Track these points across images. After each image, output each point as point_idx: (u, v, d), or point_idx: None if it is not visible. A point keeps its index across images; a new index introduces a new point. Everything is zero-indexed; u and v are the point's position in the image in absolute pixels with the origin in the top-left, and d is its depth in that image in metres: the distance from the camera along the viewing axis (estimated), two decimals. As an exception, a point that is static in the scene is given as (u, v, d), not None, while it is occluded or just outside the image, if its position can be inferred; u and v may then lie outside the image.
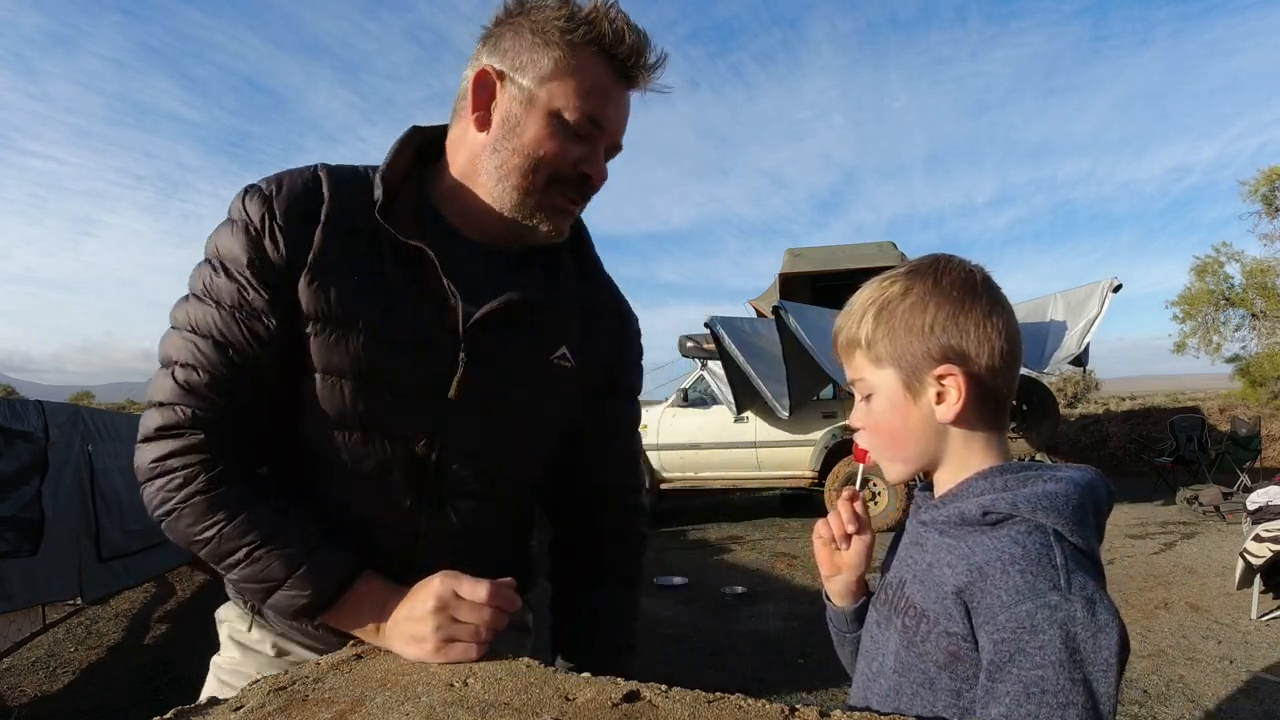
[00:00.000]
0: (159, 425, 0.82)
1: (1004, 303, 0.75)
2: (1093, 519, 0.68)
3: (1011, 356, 0.74)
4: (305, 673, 0.77)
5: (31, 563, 3.54)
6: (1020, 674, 0.61)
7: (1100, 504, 0.71)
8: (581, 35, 0.82)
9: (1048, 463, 0.66)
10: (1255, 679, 3.10)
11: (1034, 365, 6.78)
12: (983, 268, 0.78)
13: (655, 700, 0.66)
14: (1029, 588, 0.63)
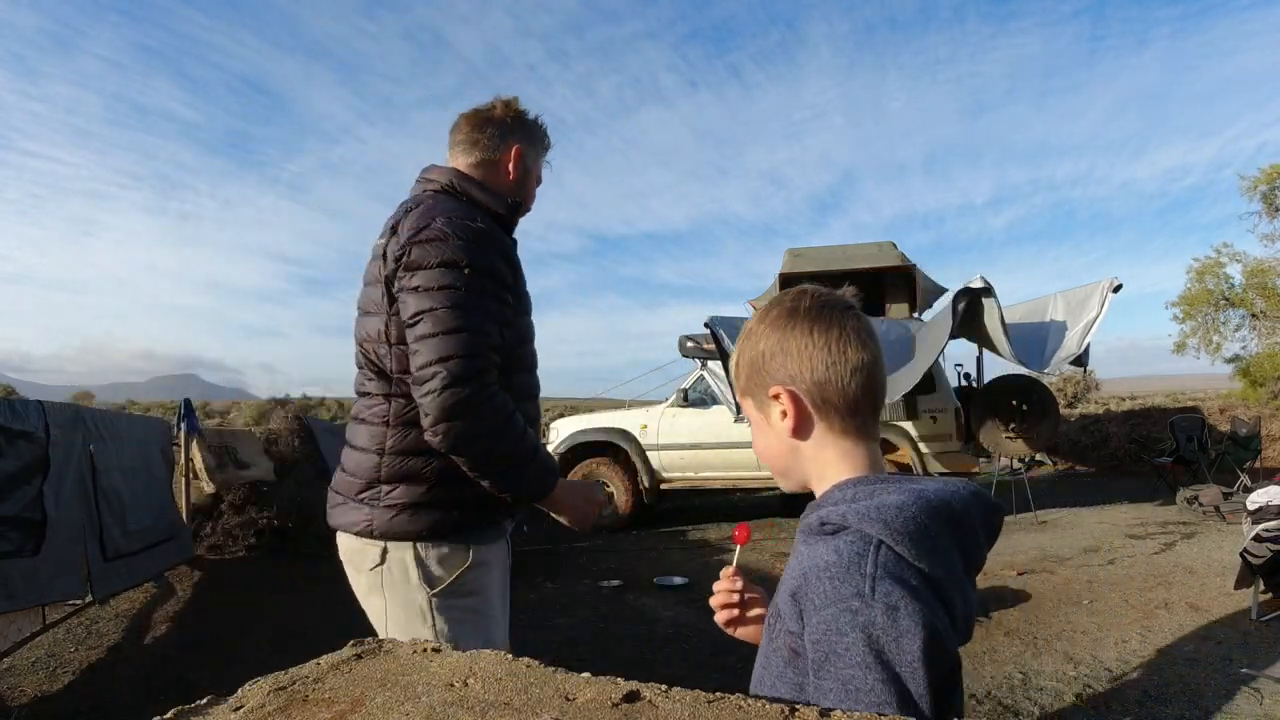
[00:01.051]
0: (480, 369, 1.28)
1: (833, 321, 0.81)
2: (941, 531, 0.72)
3: (840, 369, 0.80)
4: (305, 673, 0.77)
5: (34, 562, 3.54)
6: (836, 673, 0.67)
7: (959, 517, 0.75)
8: (548, 141, 1.62)
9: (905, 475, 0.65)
10: (1255, 679, 3.10)
11: (1034, 365, 6.78)
12: (826, 293, 0.85)
13: (655, 700, 0.66)
14: (835, 593, 0.68)
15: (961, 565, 0.75)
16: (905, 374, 6.52)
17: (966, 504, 0.76)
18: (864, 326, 0.82)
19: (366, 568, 1.40)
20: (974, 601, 0.78)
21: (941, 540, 0.73)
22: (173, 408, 7.28)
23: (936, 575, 0.70)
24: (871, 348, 0.82)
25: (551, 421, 8.83)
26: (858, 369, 0.80)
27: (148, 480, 4.95)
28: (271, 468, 6.73)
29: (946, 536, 0.73)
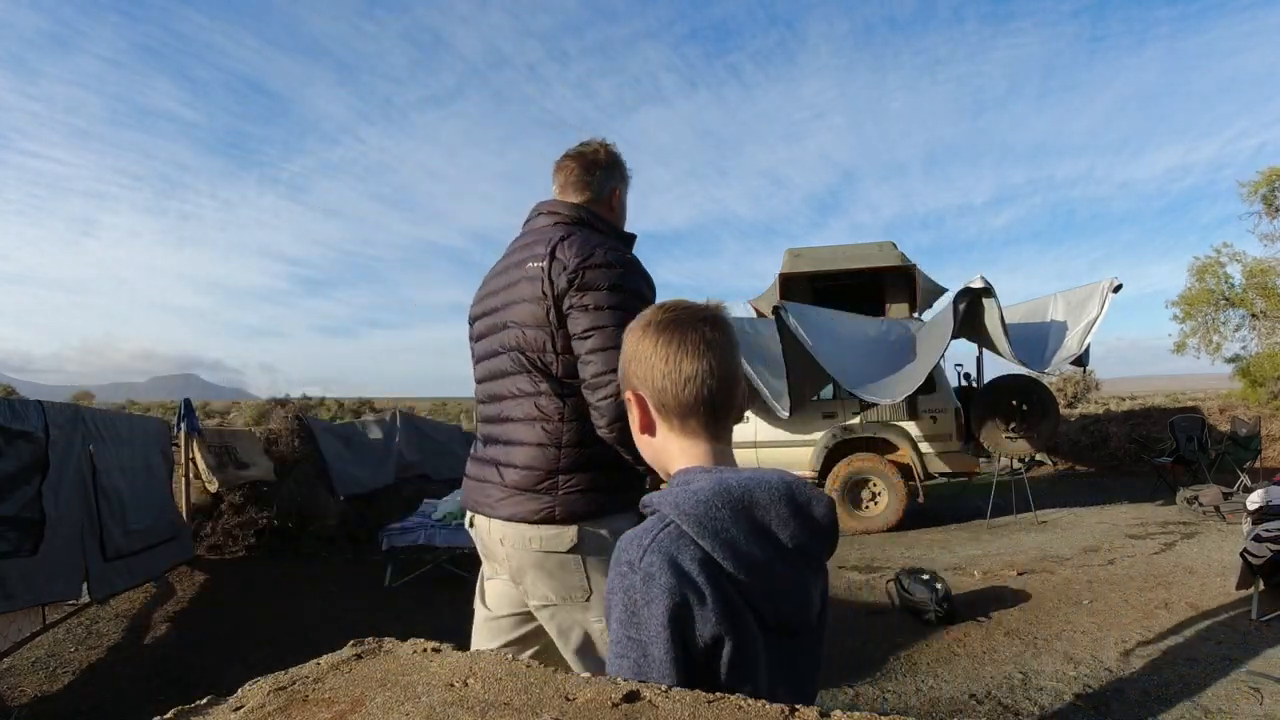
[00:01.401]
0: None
1: (675, 334, 0.91)
2: (733, 516, 0.81)
3: (675, 378, 0.90)
4: (305, 673, 0.77)
5: (32, 562, 3.54)
6: (611, 624, 0.81)
7: (758, 504, 0.83)
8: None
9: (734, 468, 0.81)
10: (1255, 679, 3.10)
11: (1034, 365, 6.78)
12: (681, 308, 0.94)
13: (655, 700, 0.66)
14: (617, 559, 0.82)
15: (768, 549, 0.82)
16: (907, 375, 6.52)
17: (772, 493, 0.84)
18: (708, 338, 0.90)
19: (550, 549, 1.55)
20: (800, 585, 0.85)
21: (736, 525, 0.81)
22: (173, 408, 7.29)
23: (721, 556, 0.80)
24: (710, 358, 0.89)
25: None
26: (690, 378, 0.89)
27: (148, 480, 4.95)
28: (271, 468, 6.73)
29: (741, 522, 0.81)
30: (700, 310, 0.93)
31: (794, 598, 0.85)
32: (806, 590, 0.86)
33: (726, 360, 0.91)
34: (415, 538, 5.37)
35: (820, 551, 0.88)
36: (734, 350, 0.94)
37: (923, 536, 6.99)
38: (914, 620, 4.15)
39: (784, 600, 0.84)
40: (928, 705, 3.06)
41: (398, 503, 7.65)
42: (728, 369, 0.91)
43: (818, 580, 0.89)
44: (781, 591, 0.84)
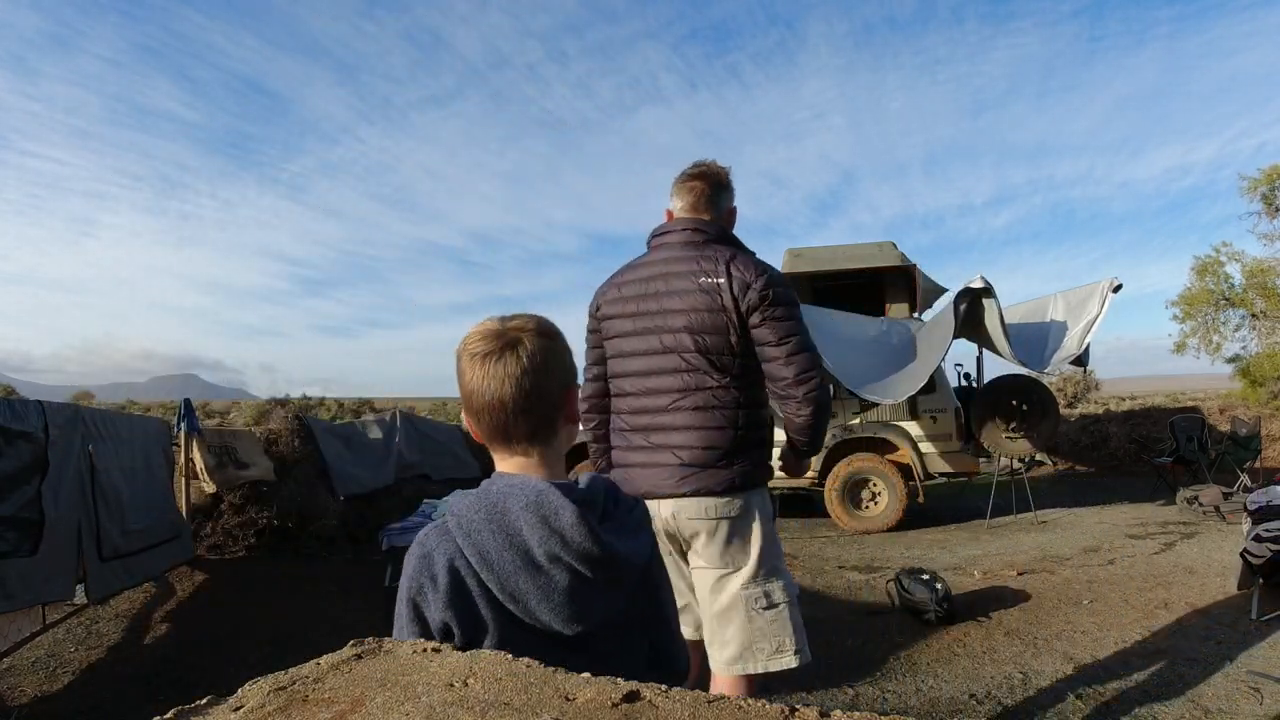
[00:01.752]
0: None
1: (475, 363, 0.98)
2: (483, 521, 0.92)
3: (470, 404, 0.99)
4: (305, 673, 0.77)
5: (31, 562, 3.54)
6: None
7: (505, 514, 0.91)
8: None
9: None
10: (1255, 679, 3.10)
11: (1034, 365, 6.78)
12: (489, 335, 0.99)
13: (655, 700, 0.66)
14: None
15: (516, 556, 0.90)
16: (908, 375, 6.52)
17: (523, 502, 0.91)
18: (494, 373, 0.96)
19: (724, 515, 1.86)
20: (562, 593, 0.90)
21: (488, 529, 0.91)
22: (173, 408, 7.28)
23: (470, 556, 0.91)
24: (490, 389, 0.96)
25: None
26: (477, 410, 0.98)
27: (147, 480, 4.95)
28: (271, 468, 6.73)
29: (493, 527, 0.91)
30: (510, 335, 1.00)
31: (553, 604, 0.89)
32: (575, 601, 0.90)
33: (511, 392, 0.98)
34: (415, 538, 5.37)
35: (578, 562, 0.90)
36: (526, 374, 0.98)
37: (923, 536, 6.99)
38: (914, 620, 4.15)
39: (536, 604, 0.89)
40: (928, 705, 3.06)
41: (398, 503, 7.65)
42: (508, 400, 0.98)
43: (600, 591, 0.92)
44: (530, 596, 0.89)
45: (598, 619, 0.92)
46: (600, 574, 0.91)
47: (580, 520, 0.89)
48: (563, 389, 1.00)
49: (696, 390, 1.87)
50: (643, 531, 1.01)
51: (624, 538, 0.95)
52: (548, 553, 0.89)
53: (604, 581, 0.92)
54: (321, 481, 7.08)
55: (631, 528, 0.98)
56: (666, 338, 1.89)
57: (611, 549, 0.92)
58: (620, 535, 0.95)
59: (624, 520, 0.98)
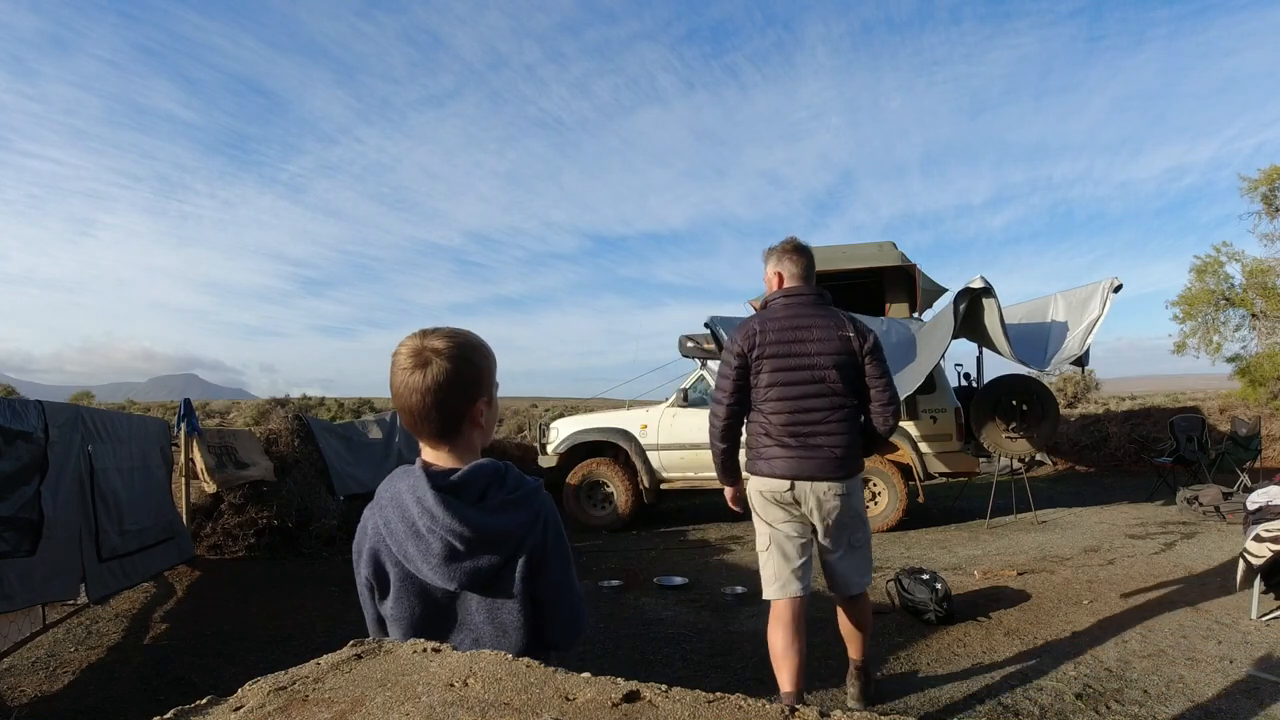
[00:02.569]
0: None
1: (395, 374, 1.20)
2: (391, 498, 1.19)
3: (395, 404, 1.22)
4: (305, 673, 0.77)
5: (30, 563, 3.54)
6: None
7: (400, 491, 1.17)
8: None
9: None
10: (1255, 679, 3.10)
11: (1035, 365, 6.78)
12: (412, 346, 1.21)
13: (655, 700, 0.66)
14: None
15: (406, 528, 1.14)
16: (906, 375, 6.51)
17: (409, 481, 1.16)
18: (410, 383, 1.17)
19: (856, 490, 2.80)
20: (440, 557, 1.13)
21: (391, 505, 1.17)
22: (173, 408, 7.28)
23: (380, 524, 1.18)
24: (406, 397, 1.18)
25: (551, 421, 8.82)
26: (399, 410, 1.22)
27: (146, 480, 4.94)
28: (271, 468, 6.73)
29: (394, 504, 1.17)
30: (419, 351, 1.21)
31: (432, 565, 1.13)
32: (450, 562, 1.13)
33: (427, 395, 1.18)
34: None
35: (445, 533, 1.12)
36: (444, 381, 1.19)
37: (923, 536, 6.98)
38: (914, 620, 4.15)
39: (420, 563, 1.14)
40: (928, 705, 3.06)
41: (398, 503, 7.65)
42: (434, 400, 1.19)
43: (473, 555, 1.13)
44: (416, 557, 1.14)
45: (476, 576, 1.15)
46: (469, 544, 1.13)
47: (439, 501, 1.12)
48: (468, 402, 1.21)
49: (841, 409, 2.73)
50: (520, 509, 1.19)
51: (498, 515, 1.16)
52: (425, 525, 1.13)
53: (474, 550, 1.13)
54: (321, 481, 7.08)
55: (509, 507, 1.18)
56: (817, 372, 2.70)
57: (478, 524, 1.13)
58: (494, 513, 1.16)
59: (504, 500, 1.18)
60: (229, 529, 6.09)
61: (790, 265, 2.86)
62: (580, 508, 8.02)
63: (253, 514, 6.20)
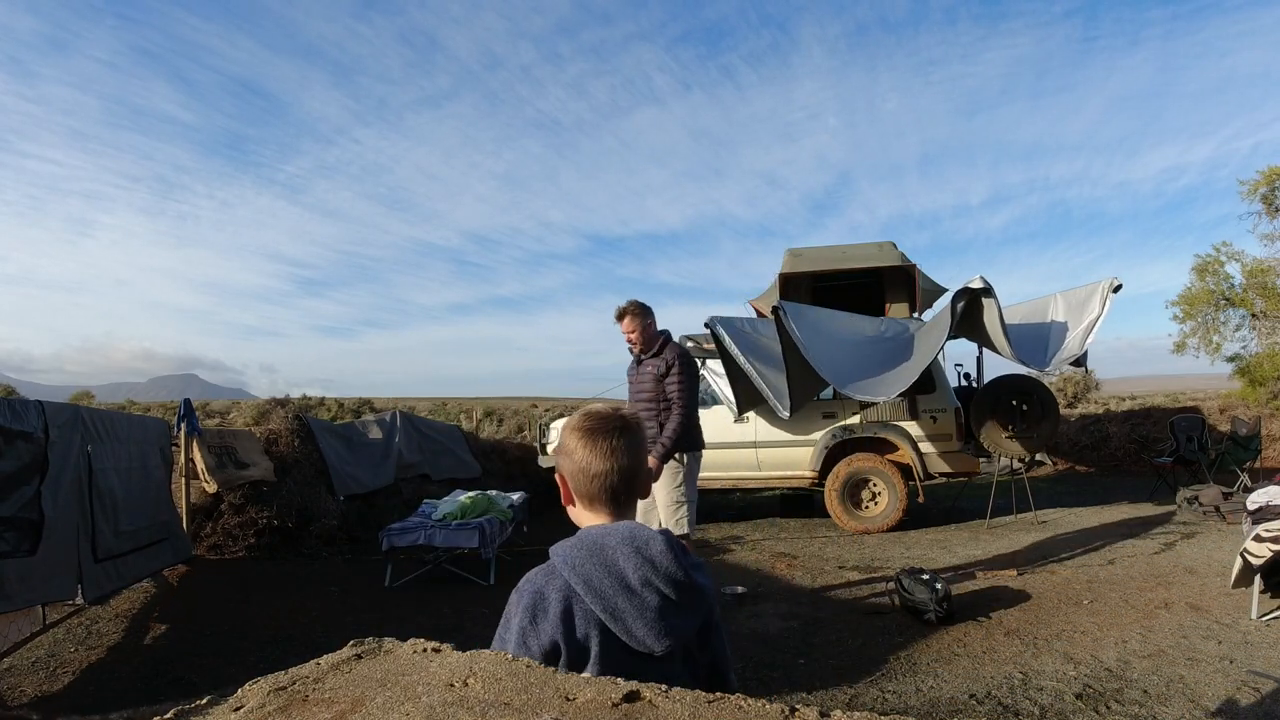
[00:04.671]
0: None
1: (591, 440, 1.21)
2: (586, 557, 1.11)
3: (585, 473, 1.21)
4: (305, 673, 0.77)
5: (30, 563, 3.53)
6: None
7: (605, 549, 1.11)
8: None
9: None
10: (1255, 679, 3.10)
11: (1035, 365, 6.77)
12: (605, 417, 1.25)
13: (655, 700, 0.66)
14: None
15: (615, 583, 1.09)
16: (899, 374, 6.51)
17: (619, 538, 1.12)
18: (615, 445, 1.20)
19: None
20: (654, 613, 1.08)
21: (589, 562, 1.10)
22: (173, 408, 7.28)
23: (576, 585, 1.09)
24: (613, 460, 1.19)
25: (552, 422, 8.82)
26: (595, 475, 1.19)
27: (144, 481, 4.94)
28: (271, 468, 6.72)
29: (594, 560, 1.10)
30: (620, 419, 1.24)
31: (647, 621, 1.07)
32: (663, 619, 1.08)
33: (629, 460, 1.21)
34: (415, 538, 5.37)
35: (668, 585, 1.09)
36: (637, 450, 1.23)
37: (923, 536, 6.99)
38: (914, 620, 4.15)
39: (633, 621, 1.07)
40: (928, 705, 3.06)
41: (398, 503, 7.65)
42: (630, 467, 1.21)
43: (682, 613, 1.11)
44: (628, 614, 1.08)
45: (680, 636, 1.10)
46: (682, 597, 1.10)
47: (668, 548, 1.11)
48: (644, 467, 1.27)
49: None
50: (705, 573, 1.20)
51: (698, 572, 1.16)
52: (641, 577, 1.09)
53: (685, 604, 1.11)
54: (321, 481, 7.07)
55: (700, 569, 1.18)
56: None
57: (690, 575, 1.12)
58: (695, 570, 1.16)
59: (695, 563, 1.18)
60: (229, 529, 6.09)
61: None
62: (580, 508, 8.02)
63: (253, 514, 6.19)
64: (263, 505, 6.29)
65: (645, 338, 4.16)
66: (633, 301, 4.16)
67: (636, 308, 4.14)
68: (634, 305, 4.14)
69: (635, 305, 4.15)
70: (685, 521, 4.07)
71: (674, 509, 4.06)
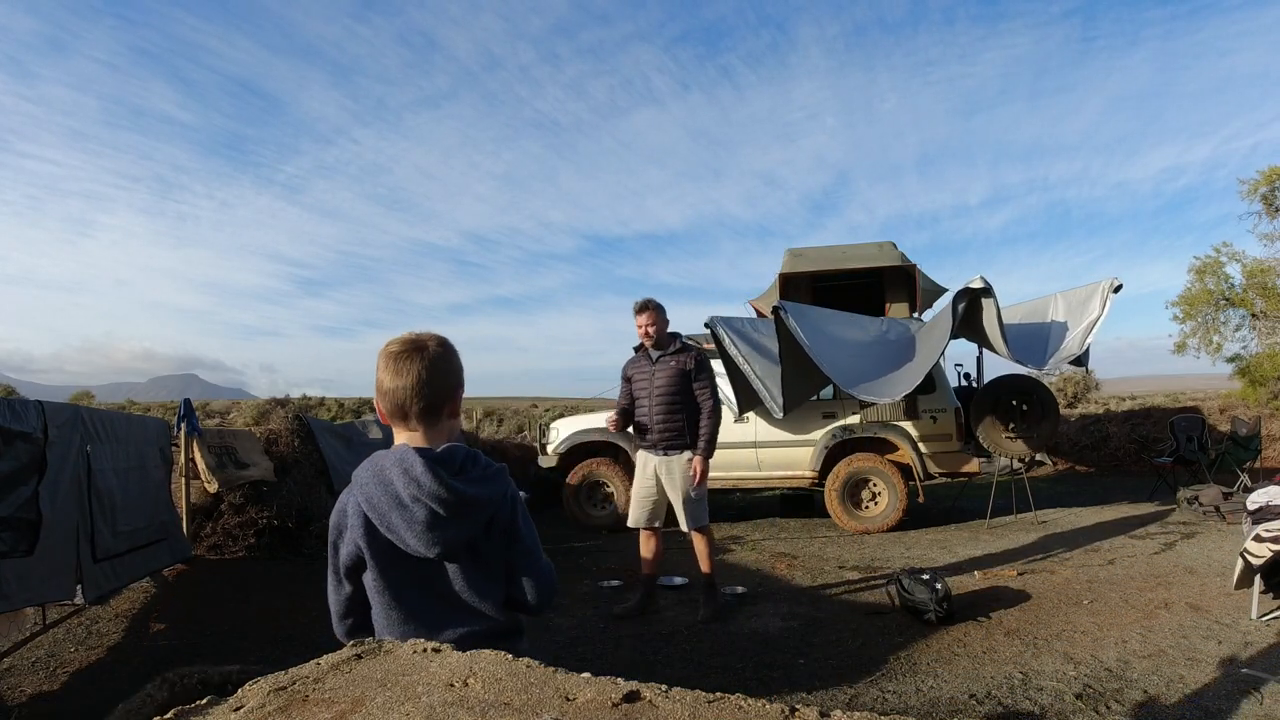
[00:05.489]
0: None
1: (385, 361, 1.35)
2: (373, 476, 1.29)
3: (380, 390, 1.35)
4: (305, 673, 0.76)
5: (28, 563, 3.53)
6: None
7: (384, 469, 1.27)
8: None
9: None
10: (1256, 679, 3.10)
11: (1033, 365, 6.77)
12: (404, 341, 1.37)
13: (655, 700, 0.65)
14: None
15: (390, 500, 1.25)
16: (904, 375, 6.51)
17: (392, 460, 1.27)
18: (404, 366, 1.31)
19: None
20: (424, 524, 1.23)
21: (373, 482, 1.27)
22: (173, 408, 7.27)
23: (362, 503, 1.27)
24: (400, 379, 1.31)
25: (552, 422, 8.82)
26: (386, 393, 1.33)
27: (142, 481, 4.93)
28: (271, 468, 6.72)
29: (376, 480, 1.27)
30: (411, 343, 1.34)
31: (415, 532, 1.23)
32: (431, 530, 1.23)
33: (415, 379, 1.31)
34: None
35: (434, 501, 1.23)
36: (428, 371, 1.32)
37: (923, 536, 6.99)
38: (914, 620, 4.15)
39: (405, 532, 1.23)
40: (928, 705, 3.06)
41: (397, 503, 7.64)
42: (415, 385, 1.31)
43: (451, 524, 1.25)
44: (400, 527, 1.23)
45: (450, 544, 1.25)
46: (450, 510, 1.24)
47: (427, 469, 1.24)
48: (451, 389, 1.36)
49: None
50: (493, 483, 1.32)
51: (473, 485, 1.28)
52: (410, 494, 1.24)
53: (454, 516, 1.25)
54: (321, 481, 7.07)
55: (483, 480, 1.30)
56: None
57: (457, 490, 1.25)
58: (470, 483, 1.28)
59: (479, 475, 1.30)
60: (229, 529, 6.09)
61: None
62: (580, 508, 8.01)
63: (253, 514, 6.19)
64: (263, 505, 6.29)
65: (660, 334, 4.41)
66: (652, 299, 4.43)
67: (657, 304, 4.42)
68: (655, 302, 4.42)
69: (656, 302, 4.43)
70: (703, 514, 4.41)
71: (694, 504, 4.36)
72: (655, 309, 4.39)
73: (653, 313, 4.38)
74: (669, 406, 4.34)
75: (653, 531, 4.58)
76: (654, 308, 4.39)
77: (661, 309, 4.42)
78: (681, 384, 4.33)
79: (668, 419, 4.35)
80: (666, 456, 4.39)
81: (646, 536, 4.61)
